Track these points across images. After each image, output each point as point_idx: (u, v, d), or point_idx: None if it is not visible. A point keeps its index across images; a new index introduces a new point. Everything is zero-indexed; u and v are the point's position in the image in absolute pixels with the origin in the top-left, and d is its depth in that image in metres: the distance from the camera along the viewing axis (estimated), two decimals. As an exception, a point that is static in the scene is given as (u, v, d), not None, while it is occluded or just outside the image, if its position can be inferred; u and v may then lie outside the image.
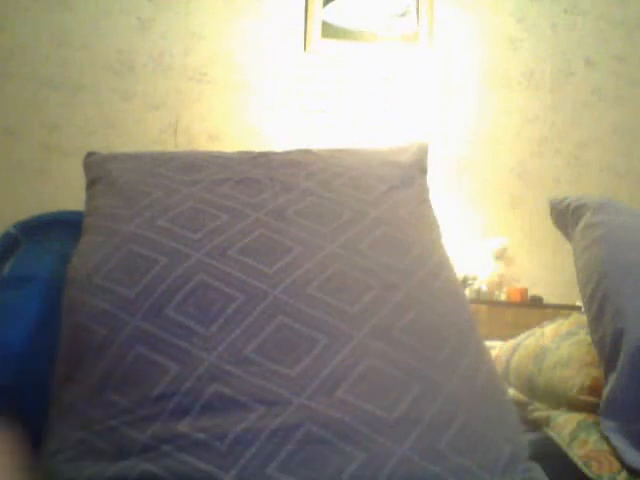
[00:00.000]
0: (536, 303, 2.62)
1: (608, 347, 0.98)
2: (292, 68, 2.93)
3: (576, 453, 0.92)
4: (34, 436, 0.76)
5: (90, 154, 1.05)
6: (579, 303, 1.38)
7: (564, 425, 1.00)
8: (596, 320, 1.03)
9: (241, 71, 2.91)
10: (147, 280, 0.78)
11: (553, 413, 1.06)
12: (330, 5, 2.96)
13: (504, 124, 2.99)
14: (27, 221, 1.00)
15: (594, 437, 0.94)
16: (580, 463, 0.90)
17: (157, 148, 2.77)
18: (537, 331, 1.29)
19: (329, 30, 2.94)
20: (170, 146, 2.83)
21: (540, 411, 1.10)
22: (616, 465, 0.88)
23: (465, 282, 2.60)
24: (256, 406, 0.67)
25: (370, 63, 2.95)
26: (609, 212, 1.13)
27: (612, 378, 0.95)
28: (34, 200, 2.73)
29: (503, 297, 2.68)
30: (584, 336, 1.14)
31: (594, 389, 1.02)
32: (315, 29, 2.93)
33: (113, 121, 2.84)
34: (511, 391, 1.23)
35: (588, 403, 1.01)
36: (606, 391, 0.96)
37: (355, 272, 0.81)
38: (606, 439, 0.92)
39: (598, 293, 1.03)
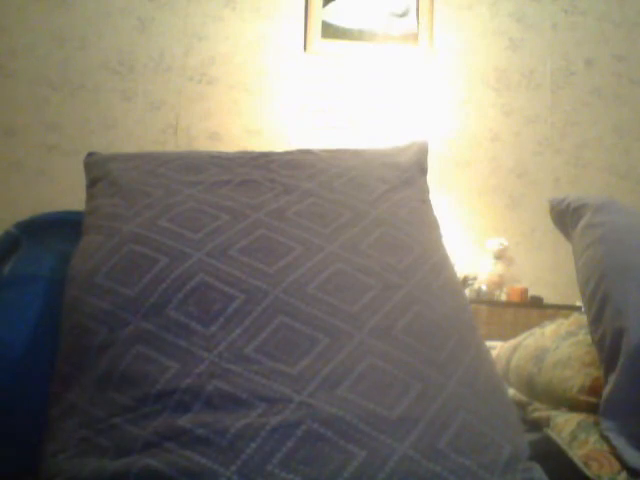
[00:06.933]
0: (536, 303, 2.62)
1: (608, 347, 0.98)
2: (292, 68, 2.93)
3: (576, 453, 0.92)
4: (34, 436, 0.76)
5: (90, 154, 1.05)
6: (579, 303, 1.38)
7: (564, 425, 1.00)
8: (596, 320, 1.03)
9: (241, 71, 2.91)
10: (148, 280, 0.78)
11: (553, 413, 1.06)
12: (330, 5, 2.96)
13: (504, 124, 2.99)
14: (27, 221, 1.00)
15: (594, 437, 0.94)
16: (580, 463, 0.90)
17: (157, 148, 2.78)
18: (537, 331, 1.30)
19: (329, 30, 2.95)
20: (170, 146, 2.83)
21: (540, 411, 1.10)
22: (616, 465, 0.88)
23: (465, 282, 2.60)
24: (257, 403, 0.67)
25: (370, 63, 2.95)
26: (609, 212, 1.13)
27: (612, 378, 0.95)
28: (34, 200, 2.73)
29: (503, 297, 2.68)
30: (584, 336, 1.14)
31: (594, 389, 1.02)
32: (315, 29, 2.93)
33: (113, 121, 2.84)
34: (511, 391, 1.23)
35: (588, 403, 1.02)
36: (606, 391, 0.96)
37: (355, 272, 0.81)
38: (606, 439, 0.92)
39: (598, 293, 1.03)
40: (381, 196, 0.94)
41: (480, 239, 2.86)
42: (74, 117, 2.83)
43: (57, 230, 1.00)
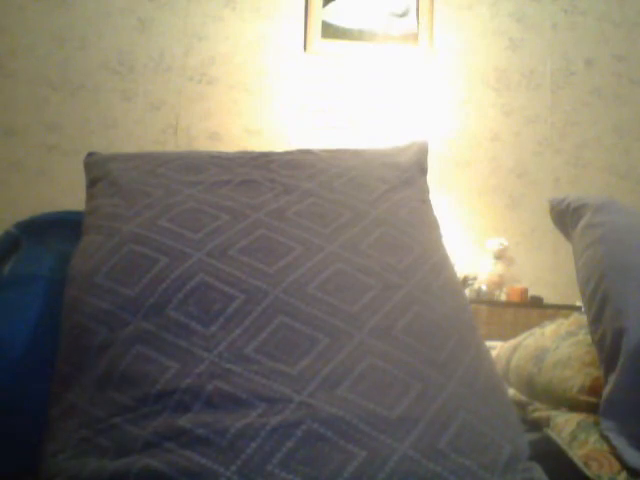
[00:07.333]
0: (536, 303, 2.62)
1: (608, 347, 0.98)
2: (292, 68, 2.93)
3: (576, 453, 0.92)
4: (34, 436, 0.76)
5: (90, 154, 1.05)
6: (579, 303, 1.38)
7: (564, 425, 1.00)
8: (596, 320, 1.03)
9: (241, 71, 2.91)
10: (148, 280, 0.78)
11: (553, 413, 1.06)
12: (330, 5, 2.96)
13: (504, 124, 2.99)
14: (27, 221, 1.00)
15: (594, 437, 0.94)
16: (580, 463, 0.90)
17: (157, 148, 2.78)
18: (537, 331, 1.30)
19: (329, 30, 2.95)
20: (170, 146, 2.83)
21: (540, 411, 1.10)
22: (616, 465, 0.88)
23: (465, 282, 2.60)
24: (257, 403, 0.67)
25: (370, 63, 2.95)
26: (609, 212, 1.13)
27: (612, 378, 0.95)
28: (34, 200, 2.73)
29: (503, 297, 2.68)
30: (584, 336, 1.15)
31: (594, 389, 1.02)
32: (315, 29, 2.93)
33: (113, 121, 2.84)
34: (511, 391, 1.23)
35: (588, 403, 1.02)
36: (606, 391, 0.96)
37: (355, 272, 0.81)
38: (606, 439, 0.92)
39: (598, 293, 1.03)
40: (381, 196, 0.94)
41: (480, 239, 2.86)
42: (74, 117, 2.83)
43: (57, 230, 1.00)
